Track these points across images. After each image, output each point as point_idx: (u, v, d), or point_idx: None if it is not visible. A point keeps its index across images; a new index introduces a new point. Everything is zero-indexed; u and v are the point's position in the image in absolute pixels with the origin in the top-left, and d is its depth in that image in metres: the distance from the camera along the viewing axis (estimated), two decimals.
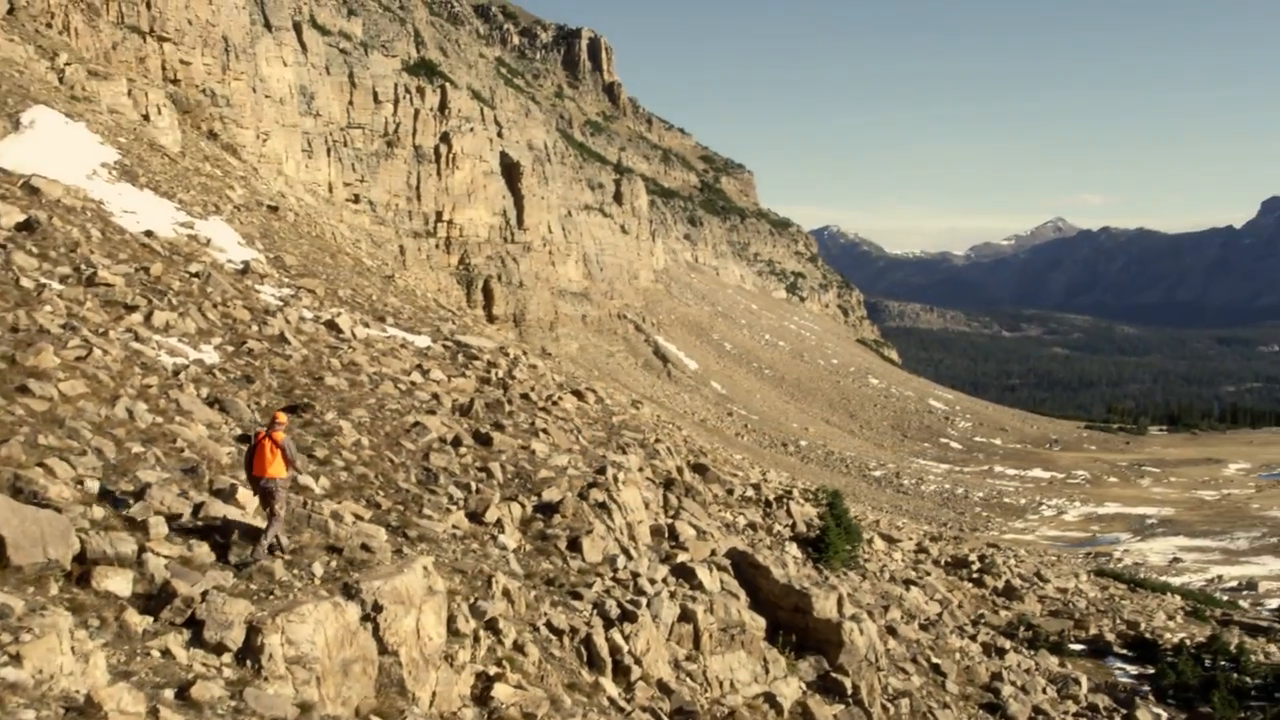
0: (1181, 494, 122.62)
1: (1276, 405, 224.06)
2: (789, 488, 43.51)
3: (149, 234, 23.24)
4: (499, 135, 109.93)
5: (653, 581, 13.85)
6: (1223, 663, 29.93)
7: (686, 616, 13.46)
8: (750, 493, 24.17)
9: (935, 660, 17.87)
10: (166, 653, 8.31)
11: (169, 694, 7.70)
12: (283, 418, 11.21)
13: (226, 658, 8.56)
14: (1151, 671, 28.70)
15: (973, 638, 21.43)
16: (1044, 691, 20.17)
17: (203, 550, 10.21)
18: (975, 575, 42.99)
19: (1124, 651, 32.57)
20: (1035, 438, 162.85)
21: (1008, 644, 23.25)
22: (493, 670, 10.57)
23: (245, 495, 11.34)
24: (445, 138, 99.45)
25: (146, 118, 37.47)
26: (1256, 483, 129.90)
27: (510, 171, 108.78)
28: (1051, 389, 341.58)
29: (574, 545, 14.04)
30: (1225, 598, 67.50)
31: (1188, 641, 38.87)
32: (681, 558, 15.59)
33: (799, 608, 15.39)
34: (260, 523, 10.90)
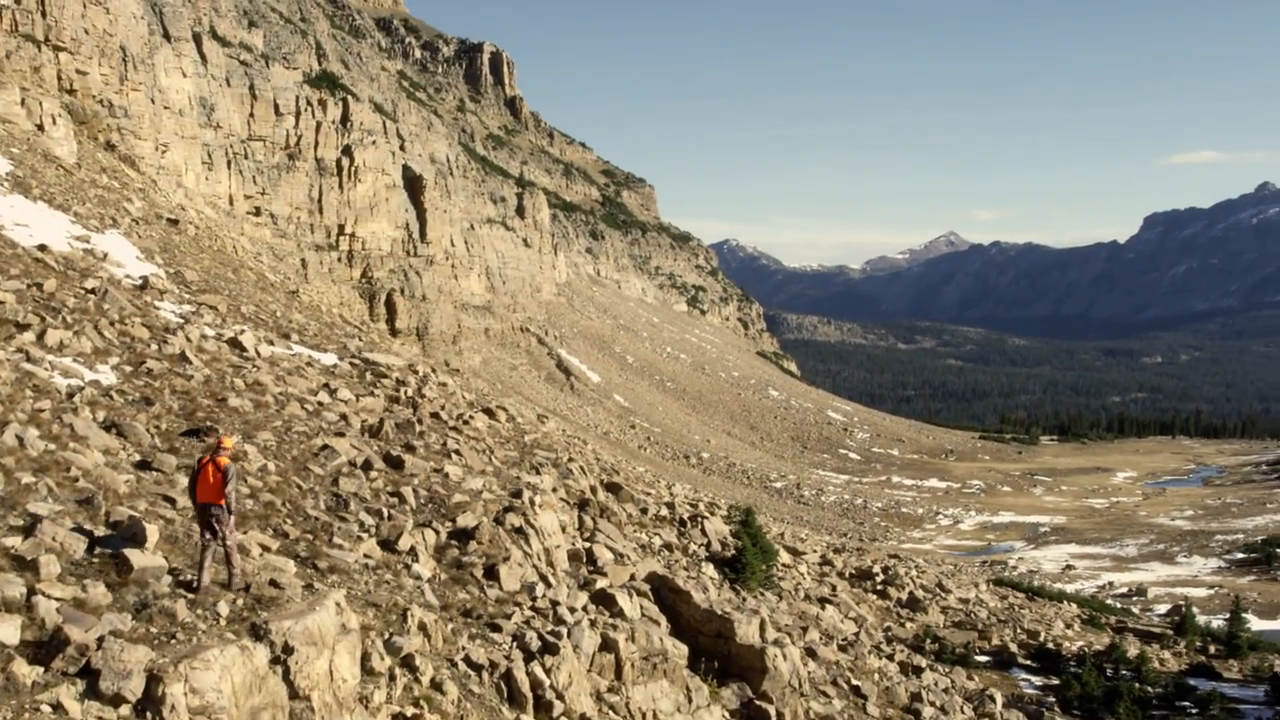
0: (1073, 502, 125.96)
1: (1160, 415, 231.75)
2: (696, 501, 43.44)
3: (42, 248, 22.25)
4: (401, 148, 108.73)
5: (573, 610, 13.42)
6: (1124, 672, 30.58)
7: (608, 646, 13.08)
8: (664, 511, 23.86)
9: (855, 682, 17.76)
10: (58, 707, 7.70)
11: None
12: (228, 442, 10.78)
13: (125, 710, 7.96)
14: (1056, 682, 29.18)
15: (890, 657, 21.43)
16: (962, 710, 20.24)
17: (98, 591, 9.46)
18: (879, 587, 43.42)
19: (1028, 662, 33.10)
20: (931, 448, 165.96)
21: (924, 662, 23.34)
22: (410, 711, 10.08)
23: (144, 529, 10.63)
24: (347, 150, 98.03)
25: (41, 128, 36.04)
26: (1143, 491, 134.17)
27: (413, 185, 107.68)
28: (946, 400, 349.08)
29: (491, 573, 13.53)
30: (1118, 604, 69.40)
31: (1087, 650, 39.76)
32: (601, 583, 15.16)
33: (721, 634, 15.14)
34: (157, 559, 10.25)
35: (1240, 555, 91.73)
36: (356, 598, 11.45)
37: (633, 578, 16.09)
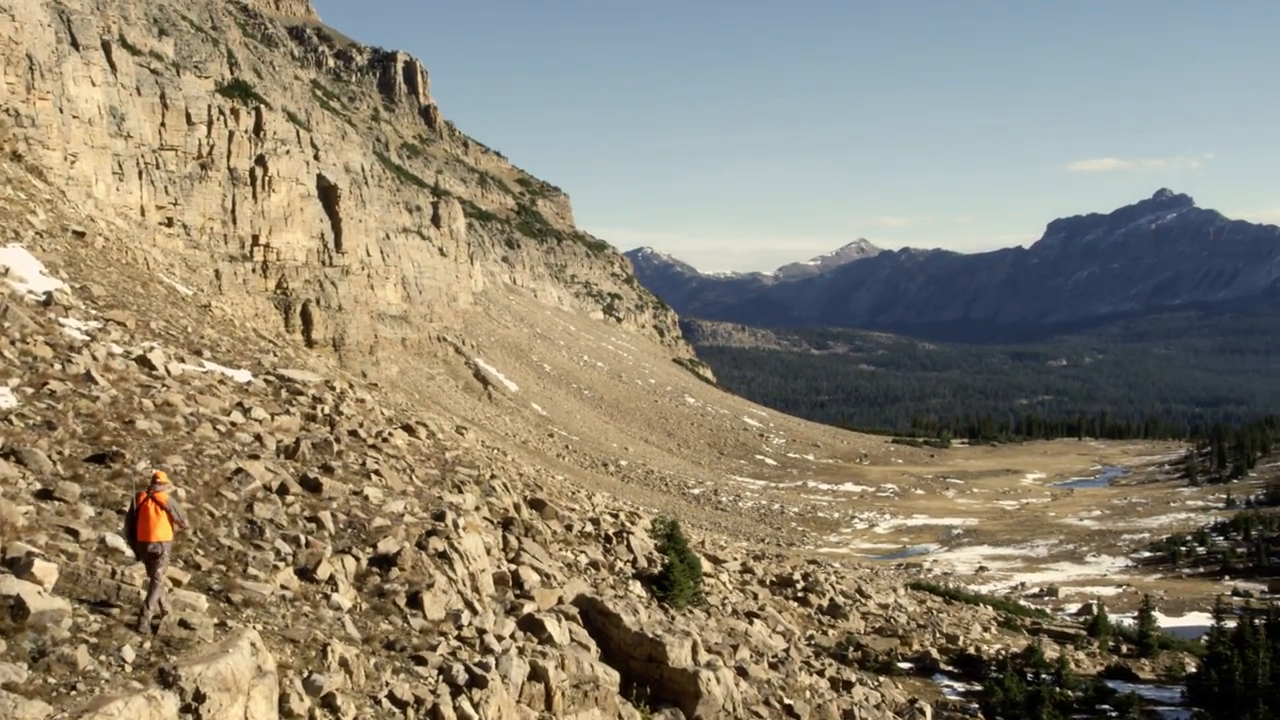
0: (984, 504, 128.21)
1: (1066, 417, 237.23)
2: (617, 510, 43.04)
3: None
4: (315, 158, 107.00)
5: (500, 638, 12.93)
6: (1044, 676, 30.90)
7: (537, 674, 12.60)
8: (589, 528, 23.43)
9: (788, 701, 17.51)
10: None
11: None
12: (164, 476, 10.37)
13: None
14: (978, 688, 29.37)
15: (820, 673, 21.29)
16: None
17: None
18: (800, 594, 43.47)
19: (950, 668, 33.32)
20: (846, 453, 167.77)
21: (853, 676, 23.27)
22: None
23: (43, 567, 9.89)
24: (261, 160, 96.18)
25: None
26: (1052, 492, 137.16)
27: (327, 194, 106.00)
28: (859, 404, 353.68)
29: (414, 601, 12.95)
30: (1031, 605, 70.60)
31: (1006, 653, 40.23)
32: (528, 608, 14.66)
33: (652, 657, 14.76)
34: (57, 601, 9.56)
35: (1146, 554, 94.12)
36: (273, 633, 10.84)
37: (561, 601, 15.62)
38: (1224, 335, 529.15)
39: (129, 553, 10.71)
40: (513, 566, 16.31)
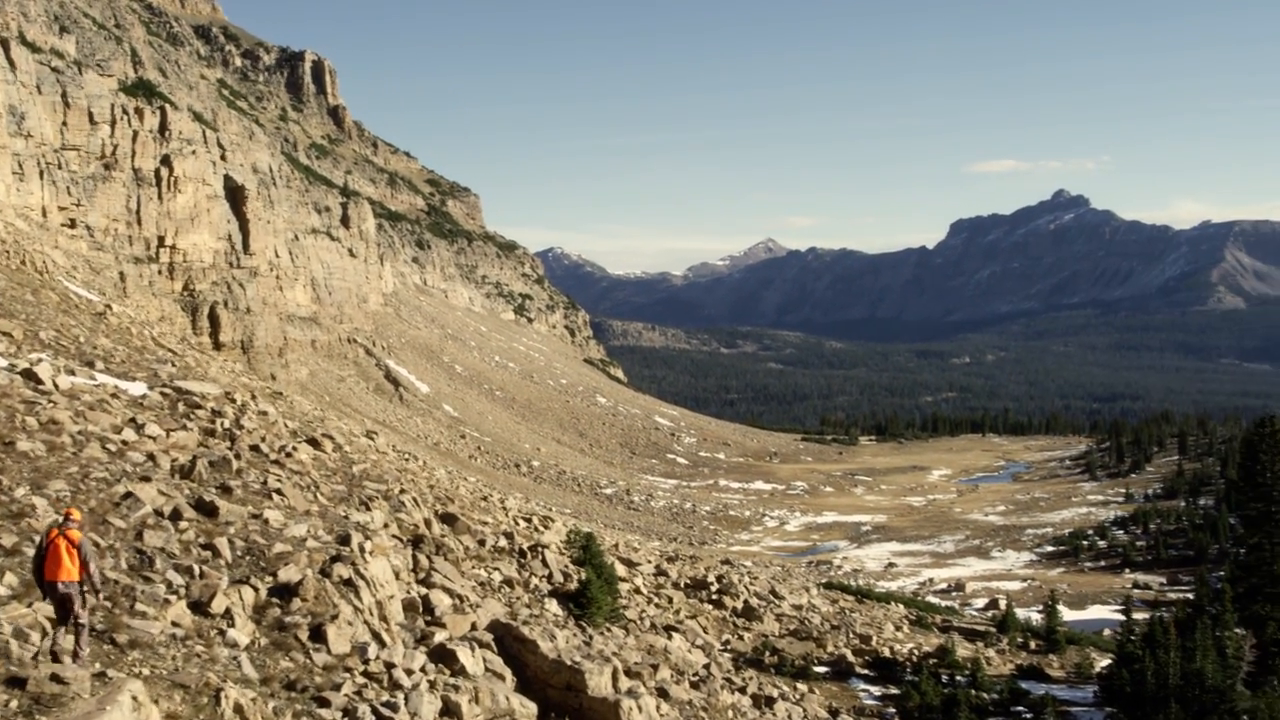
0: (892, 501, 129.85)
1: (970, 414, 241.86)
2: (530, 514, 42.33)
3: None
4: (222, 158, 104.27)
5: (410, 672, 12.13)
6: (959, 678, 31.00)
7: (450, 709, 11.85)
8: (503, 542, 22.65)
9: None
10: None
11: None
12: (77, 514, 9.70)
13: None
14: (895, 692, 29.31)
15: (742, 690, 20.87)
16: None
17: None
18: (715, 597, 43.17)
19: (866, 672, 33.26)
20: (756, 451, 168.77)
21: (775, 691, 22.94)
22: None
23: None
24: (166, 160, 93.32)
25: None
26: (958, 488, 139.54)
27: (235, 195, 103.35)
28: (768, 403, 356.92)
29: (317, 634, 12.07)
30: (939, 600, 71.48)
31: (917, 653, 40.44)
32: (439, 637, 13.85)
33: (571, 686, 14.11)
34: None
35: (1050, 548, 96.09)
36: (161, 679, 9.96)
37: (474, 626, 14.84)
38: (1120, 333, 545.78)
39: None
40: (423, 590, 15.51)
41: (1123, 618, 68.26)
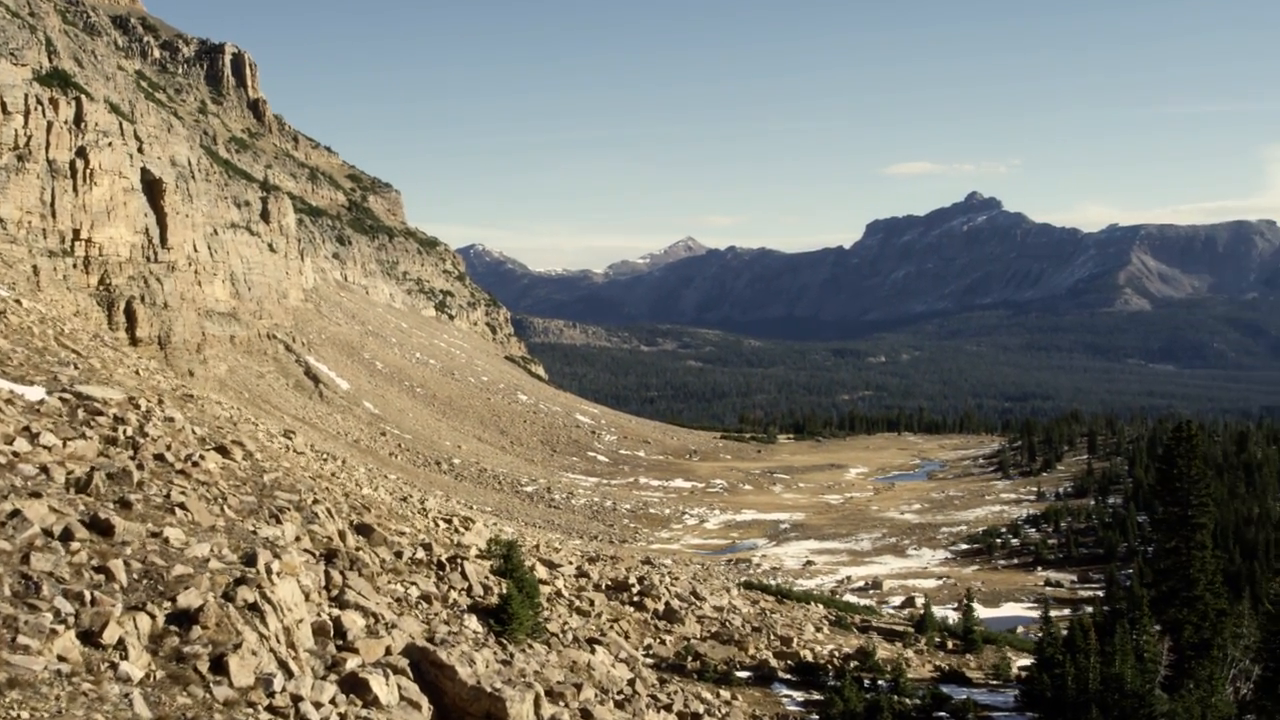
0: (810, 499, 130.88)
1: (886, 412, 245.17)
2: (451, 515, 41.58)
3: None
4: (140, 151, 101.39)
5: (318, 705, 11.35)
6: (881, 683, 30.99)
7: None
8: (421, 554, 21.90)
9: None
10: None
11: None
12: None
13: None
14: (818, 698, 29.14)
15: (668, 708, 20.43)
16: None
17: None
18: (636, 599, 42.79)
19: (788, 676, 33.07)
20: (676, 449, 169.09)
21: (700, 706, 22.56)
22: None
23: None
24: (81, 152, 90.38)
25: None
26: (874, 486, 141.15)
27: (152, 188, 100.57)
28: (687, 400, 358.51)
29: (219, 666, 11.24)
30: (858, 599, 71.98)
31: (838, 654, 40.48)
32: (351, 664, 13.06)
33: (491, 714, 13.41)
34: None
35: (964, 546, 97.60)
36: None
37: (389, 651, 14.08)
38: (1031, 333, 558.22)
39: None
40: (336, 611, 14.72)
41: (1036, 615, 69.70)
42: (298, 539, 16.89)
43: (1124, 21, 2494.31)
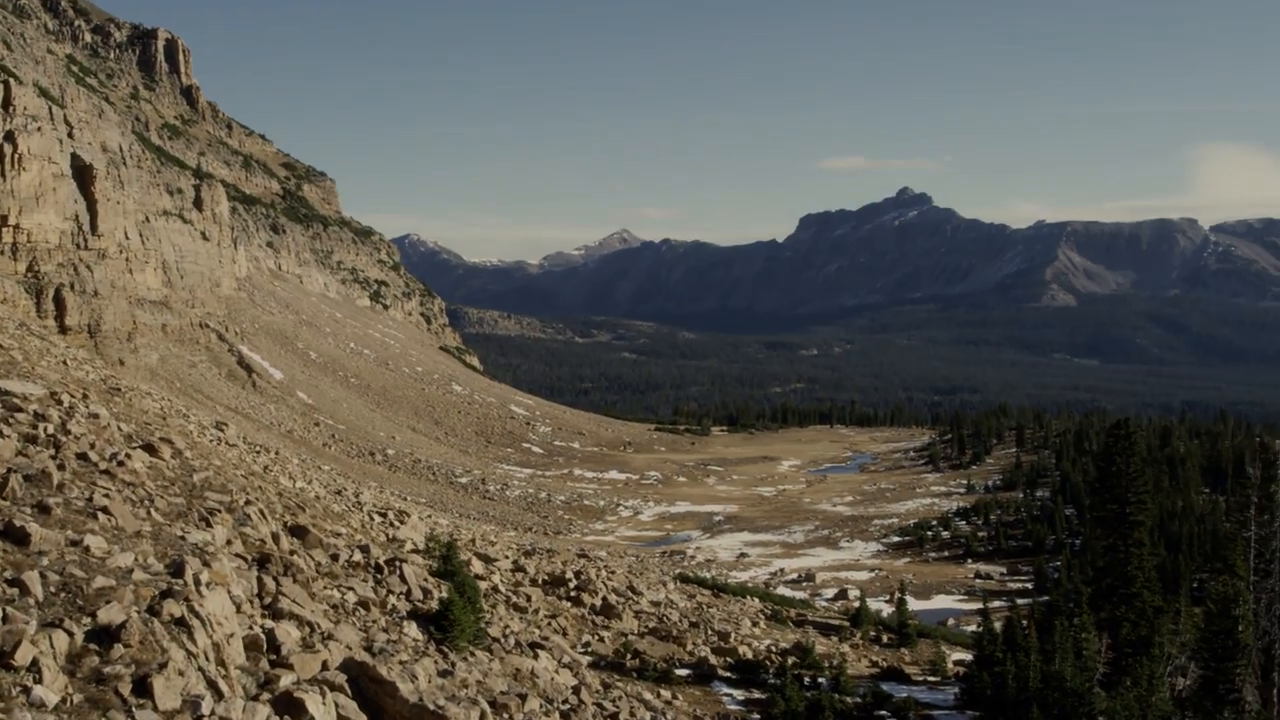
0: (744, 491, 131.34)
1: (818, 405, 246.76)
2: (386, 509, 40.84)
3: None
4: (70, 136, 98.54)
5: None
6: (821, 680, 30.91)
7: None
8: (358, 556, 21.23)
9: None
10: None
11: None
12: None
13: None
14: (759, 696, 28.97)
15: (614, 716, 20.02)
16: None
17: None
18: (573, 594, 42.48)
19: (728, 674, 32.86)
20: (610, 440, 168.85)
21: (647, 714, 22.19)
22: None
23: None
24: (10, 137, 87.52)
25: None
26: (807, 478, 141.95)
27: (82, 174, 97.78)
28: (622, 392, 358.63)
29: (142, 687, 10.46)
30: (792, 592, 72.29)
31: (775, 649, 40.45)
32: (285, 681, 12.33)
33: None
34: None
35: (896, 538, 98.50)
36: None
37: (325, 666, 13.38)
38: (960, 327, 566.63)
39: None
40: (269, 622, 14.02)
41: (967, 607, 70.52)
42: (229, 543, 16.19)
43: (1055, 22, 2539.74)
